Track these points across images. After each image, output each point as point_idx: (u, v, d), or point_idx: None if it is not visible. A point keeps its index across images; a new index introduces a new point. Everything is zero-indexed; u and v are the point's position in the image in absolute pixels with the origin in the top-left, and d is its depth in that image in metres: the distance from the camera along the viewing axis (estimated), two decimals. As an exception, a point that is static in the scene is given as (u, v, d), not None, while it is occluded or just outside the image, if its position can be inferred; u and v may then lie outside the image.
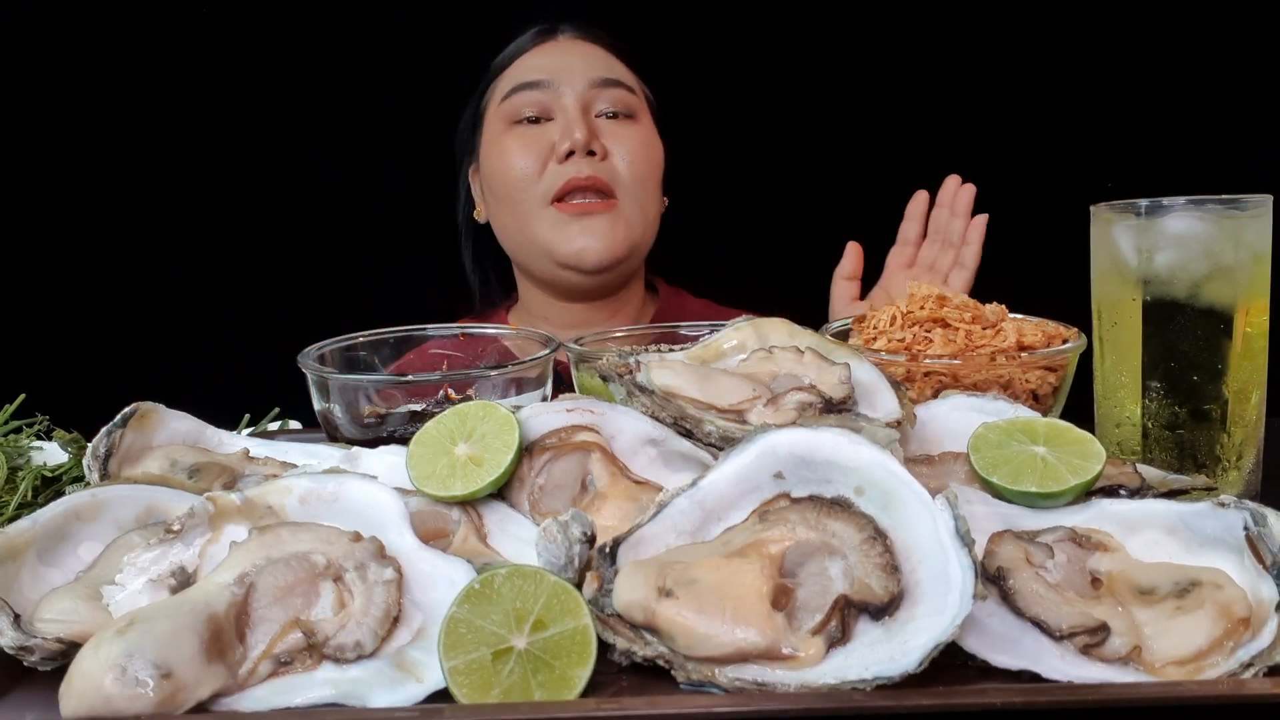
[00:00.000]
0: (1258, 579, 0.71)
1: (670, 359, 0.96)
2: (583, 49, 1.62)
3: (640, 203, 1.59)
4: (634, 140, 1.59)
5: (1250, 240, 0.95)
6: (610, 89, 1.59)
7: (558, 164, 1.54)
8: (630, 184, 1.57)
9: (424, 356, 1.22)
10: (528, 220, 1.58)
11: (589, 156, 1.54)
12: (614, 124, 1.58)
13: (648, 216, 1.61)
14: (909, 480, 0.72)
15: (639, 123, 1.61)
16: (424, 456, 0.83)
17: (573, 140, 1.53)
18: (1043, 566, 0.73)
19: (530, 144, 1.56)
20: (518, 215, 1.59)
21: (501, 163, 1.58)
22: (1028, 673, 0.65)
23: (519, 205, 1.58)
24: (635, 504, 0.80)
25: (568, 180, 1.53)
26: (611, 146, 1.57)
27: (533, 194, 1.56)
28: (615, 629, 0.68)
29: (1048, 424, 0.85)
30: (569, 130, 1.54)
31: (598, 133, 1.56)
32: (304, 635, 0.68)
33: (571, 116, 1.55)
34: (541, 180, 1.55)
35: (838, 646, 0.67)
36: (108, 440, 0.88)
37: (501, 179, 1.59)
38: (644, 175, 1.59)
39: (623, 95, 1.59)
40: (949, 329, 1.04)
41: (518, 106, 1.58)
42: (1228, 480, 0.97)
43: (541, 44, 1.63)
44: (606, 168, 1.55)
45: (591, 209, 1.54)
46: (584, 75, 1.58)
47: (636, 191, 1.58)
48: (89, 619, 0.69)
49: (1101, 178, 1.95)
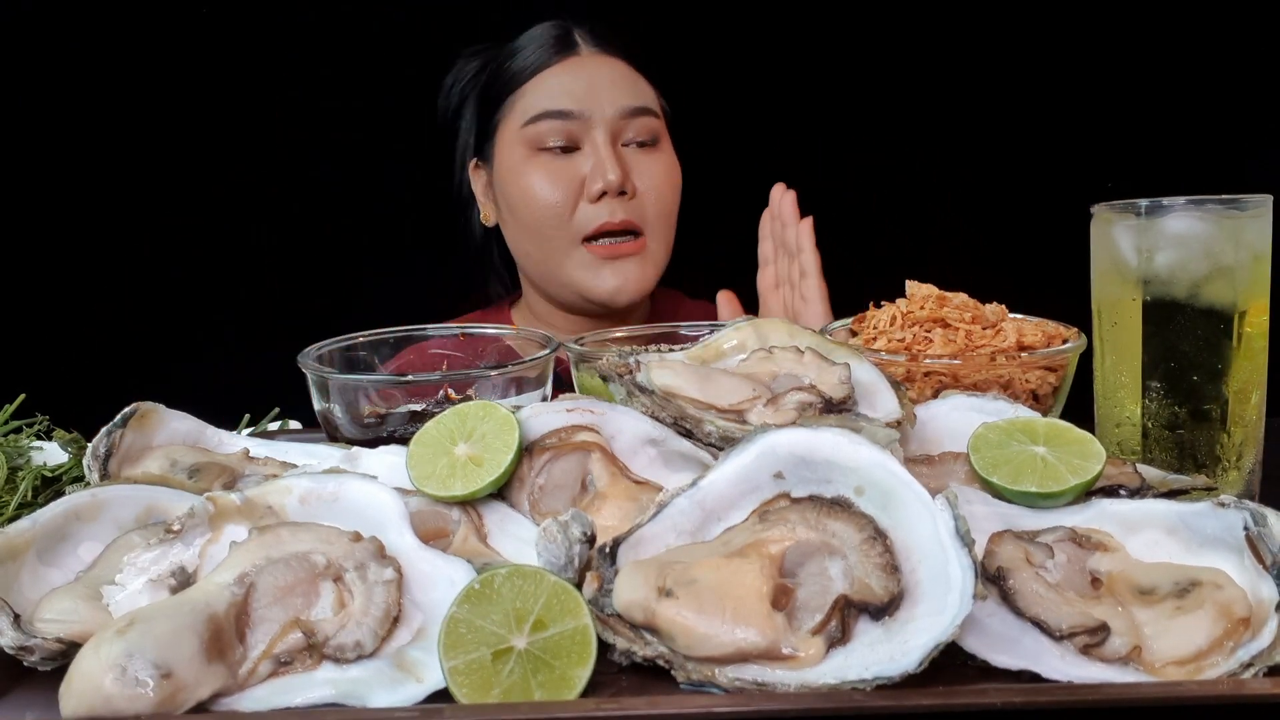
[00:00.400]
0: (1258, 579, 0.71)
1: (670, 359, 0.96)
2: (609, 68, 1.58)
3: (664, 236, 1.59)
4: (660, 172, 1.57)
5: (1250, 240, 0.95)
6: (639, 118, 1.56)
7: (589, 203, 1.53)
8: (656, 220, 1.57)
9: (423, 356, 1.22)
10: (556, 256, 1.57)
11: (620, 196, 1.53)
12: (641, 155, 1.57)
13: (669, 246, 1.61)
14: (909, 480, 0.72)
15: (662, 149, 1.60)
16: (424, 456, 0.83)
17: (606, 182, 1.50)
18: (1043, 566, 0.73)
19: (559, 178, 1.53)
20: (545, 249, 1.58)
21: (527, 194, 1.55)
22: (1028, 673, 0.65)
23: (548, 241, 1.56)
24: (635, 504, 0.80)
25: (601, 224, 1.52)
26: (639, 181, 1.55)
27: (563, 232, 1.54)
28: (615, 629, 0.68)
29: (1048, 424, 0.85)
30: (601, 169, 1.51)
31: (629, 169, 1.54)
32: (304, 635, 0.68)
33: (603, 154, 1.52)
34: (573, 220, 1.54)
35: (838, 646, 0.67)
36: (108, 440, 0.88)
37: (528, 210, 1.56)
38: (669, 209, 1.59)
39: (648, 123, 1.57)
40: (949, 329, 1.04)
41: (543, 134, 1.54)
42: (1228, 480, 0.97)
43: (564, 59, 1.57)
44: (636, 207, 1.55)
45: (622, 250, 1.54)
46: (613, 104, 1.54)
47: (661, 227, 1.58)
48: (89, 619, 0.69)
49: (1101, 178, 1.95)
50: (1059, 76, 2.02)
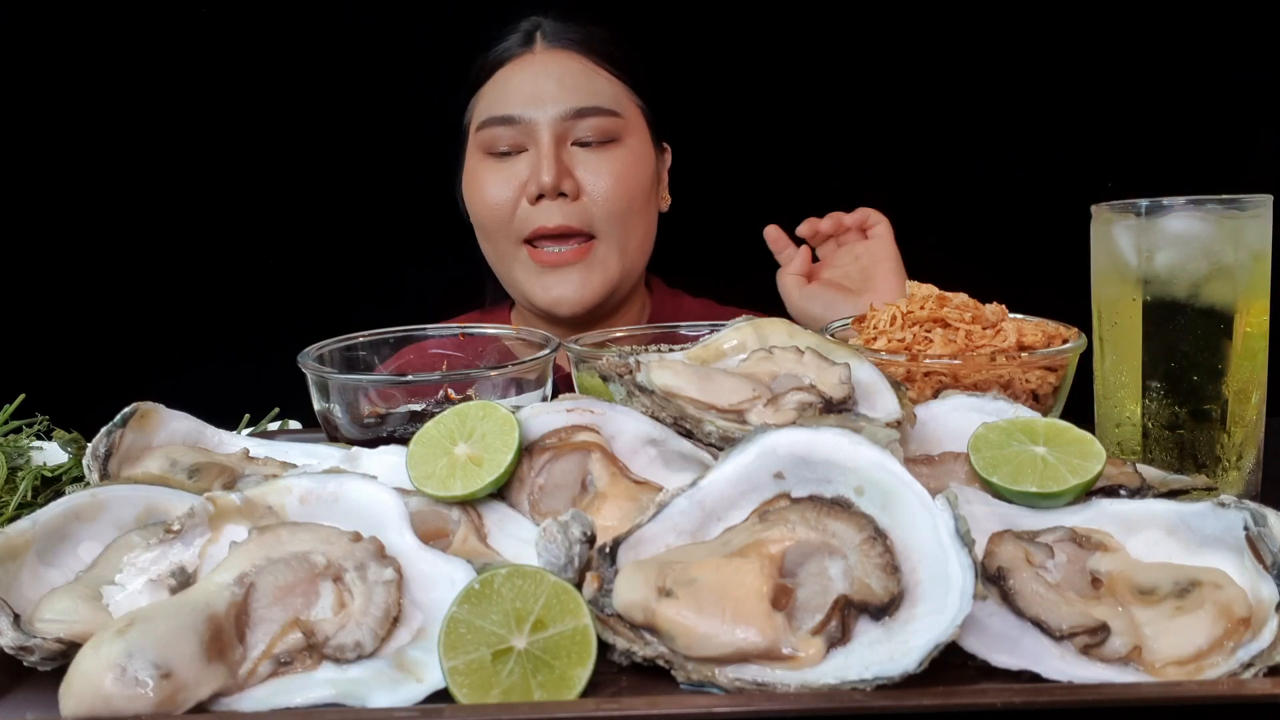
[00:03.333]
0: (1258, 579, 0.71)
1: (670, 359, 0.96)
2: (561, 64, 1.52)
3: (619, 239, 1.52)
4: (613, 171, 1.50)
5: (1250, 240, 0.95)
6: (587, 118, 1.50)
7: (529, 204, 1.49)
8: (606, 222, 1.50)
9: (423, 356, 1.22)
10: (504, 259, 1.56)
11: (560, 198, 1.48)
12: (591, 153, 1.50)
13: (629, 249, 1.54)
14: (909, 480, 0.72)
15: (622, 144, 1.53)
16: (424, 456, 0.83)
17: (540, 184, 1.46)
18: (1043, 566, 0.73)
19: (502, 179, 1.51)
20: (495, 251, 1.57)
21: (476, 196, 1.54)
22: (1028, 673, 0.65)
23: (496, 242, 1.55)
24: (635, 504, 0.80)
25: (536, 228, 1.49)
26: (587, 180, 1.50)
27: (506, 233, 1.52)
28: (615, 629, 0.68)
29: (1048, 424, 0.85)
30: (537, 171, 1.47)
31: (570, 169, 1.49)
32: (304, 635, 0.68)
33: (543, 153, 1.47)
34: (513, 221, 1.51)
35: (838, 646, 0.67)
36: (108, 440, 0.88)
37: (475, 212, 1.57)
38: (623, 209, 1.51)
39: (601, 123, 1.51)
40: (949, 329, 1.04)
41: (491, 140, 1.52)
42: (1228, 480, 0.97)
43: (518, 58, 1.54)
44: (579, 209, 1.49)
45: (564, 259, 1.50)
46: (558, 104, 1.49)
47: (614, 230, 1.51)
48: (89, 619, 0.69)
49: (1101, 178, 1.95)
50: (1059, 76, 2.02)
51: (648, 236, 1.60)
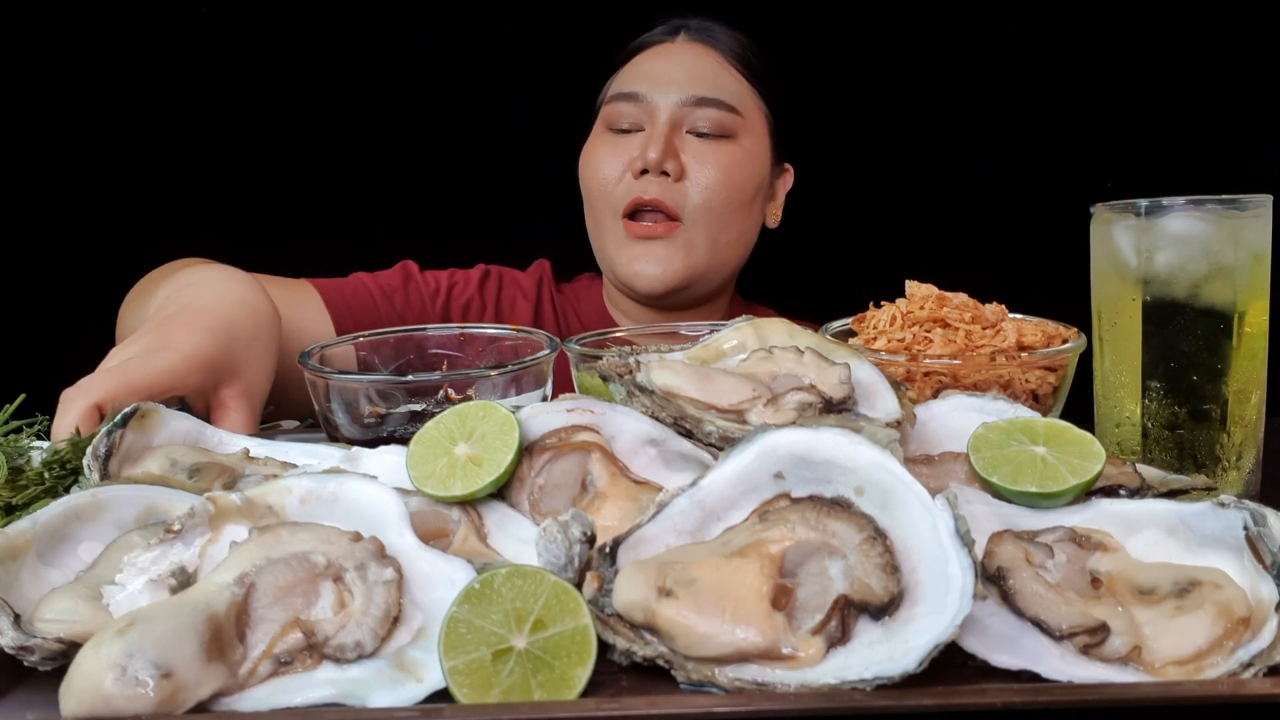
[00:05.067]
0: (1258, 579, 0.71)
1: (670, 359, 0.96)
2: (694, 56, 1.59)
3: (710, 230, 1.55)
4: (719, 163, 1.54)
5: (1250, 240, 0.95)
6: (706, 108, 1.55)
7: (633, 178, 1.54)
8: (699, 209, 1.54)
9: (423, 356, 1.22)
10: (601, 229, 1.60)
11: (663, 176, 1.52)
12: (703, 143, 1.55)
13: (718, 243, 1.57)
14: (909, 480, 0.72)
15: (736, 143, 1.57)
16: (424, 456, 0.83)
17: (646, 159, 1.51)
18: (1043, 566, 0.73)
19: (616, 153, 1.56)
20: (595, 221, 1.62)
21: (589, 167, 1.60)
22: (1028, 673, 0.65)
23: (597, 213, 1.60)
24: (635, 504, 0.80)
25: (634, 198, 1.53)
26: (691, 166, 1.54)
27: (607, 204, 1.57)
28: (615, 629, 0.68)
29: (1048, 424, 0.85)
30: (645, 147, 1.52)
31: (678, 151, 1.53)
32: (304, 635, 0.68)
33: (656, 131, 1.53)
34: (615, 193, 1.55)
35: (838, 646, 0.67)
36: (108, 440, 0.88)
37: (585, 183, 1.61)
38: (722, 201, 1.54)
39: (718, 115, 1.55)
40: (949, 329, 1.04)
41: (615, 115, 1.58)
42: (1228, 480, 0.97)
43: (660, 44, 1.61)
44: (677, 190, 1.53)
45: (654, 233, 1.54)
46: (681, 89, 1.55)
47: (705, 218, 1.54)
48: (89, 619, 0.69)
49: (1101, 178, 1.95)
50: (1059, 76, 2.02)
51: (743, 238, 1.62)
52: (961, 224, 2.06)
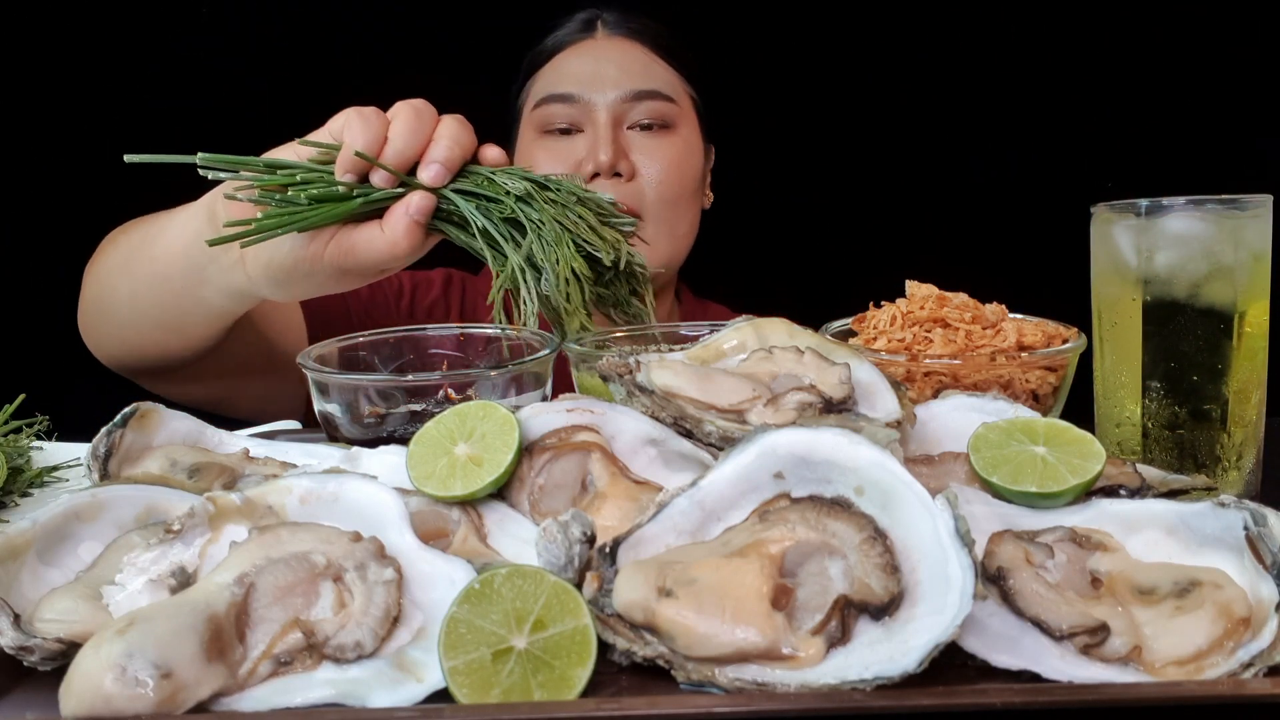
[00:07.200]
0: (1258, 579, 0.71)
1: (670, 359, 0.96)
2: (621, 50, 1.57)
3: (668, 223, 1.54)
4: (667, 156, 1.54)
5: (1250, 240, 0.95)
6: (645, 101, 1.54)
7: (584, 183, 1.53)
8: (657, 205, 1.53)
9: (423, 356, 1.22)
10: None
11: (615, 178, 1.51)
12: (646, 137, 1.54)
13: (676, 235, 1.57)
14: (909, 480, 0.72)
15: (676, 132, 1.56)
16: (424, 456, 0.83)
17: (597, 162, 1.50)
18: (1043, 566, 0.73)
19: (557, 156, 1.54)
20: None
21: None
22: (1028, 673, 0.65)
23: None
24: (635, 504, 0.80)
25: None
26: (641, 163, 1.53)
27: None
28: (615, 629, 0.68)
29: (1048, 424, 0.85)
30: (594, 150, 1.50)
31: (626, 150, 1.52)
32: (304, 635, 0.68)
33: (600, 134, 1.51)
34: None
35: (838, 646, 0.67)
36: (108, 440, 0.88)
37: None
38: (674, 194, 1.54)
39: (658, 107, 1.55)
40: (949, 329, 1.04)
41: (548, 117, 1.55)
42: (1228, 480, 0.97)
43: (580, 41, 1.58)
44: (633, 190, 1.52)
45: None
46: (618, 86, 1.53)
47: (664, 213, 1.54)
48: (89, 619, 0.69)
49: (1101, 178, 1.95)
50: (1059, 76, 2.02)
51: (692, 227, 1.62)
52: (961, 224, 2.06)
